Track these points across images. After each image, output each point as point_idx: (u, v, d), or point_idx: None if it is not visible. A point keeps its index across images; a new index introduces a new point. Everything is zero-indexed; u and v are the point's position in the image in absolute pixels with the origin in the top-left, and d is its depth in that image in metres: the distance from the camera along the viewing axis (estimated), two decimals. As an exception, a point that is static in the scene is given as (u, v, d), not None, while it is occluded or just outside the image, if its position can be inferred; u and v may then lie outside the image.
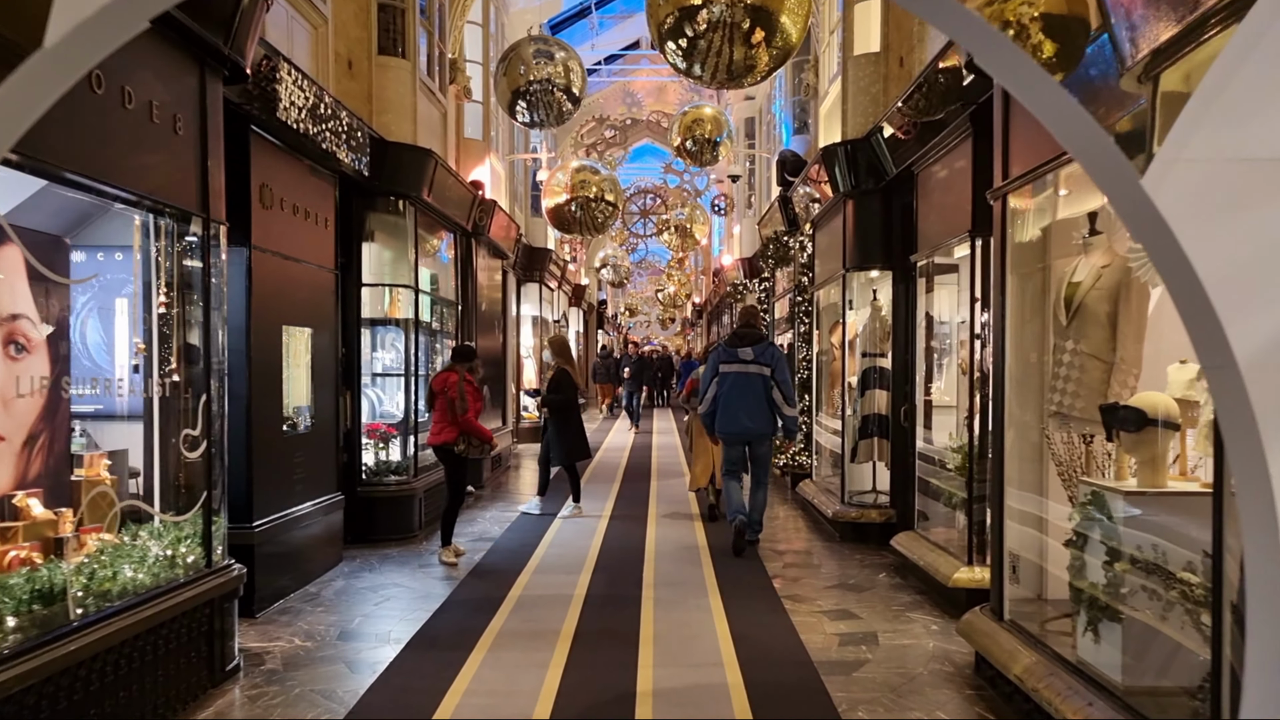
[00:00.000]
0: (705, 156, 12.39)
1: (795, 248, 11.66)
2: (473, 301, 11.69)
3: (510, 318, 16.32)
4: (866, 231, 8.49)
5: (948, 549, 6.50)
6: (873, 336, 8.71)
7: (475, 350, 8.17)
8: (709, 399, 8.08)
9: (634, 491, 11.51)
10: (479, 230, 11.61)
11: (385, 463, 8.66)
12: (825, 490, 9.63)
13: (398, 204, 8.70)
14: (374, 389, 9.20)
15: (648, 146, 28.48)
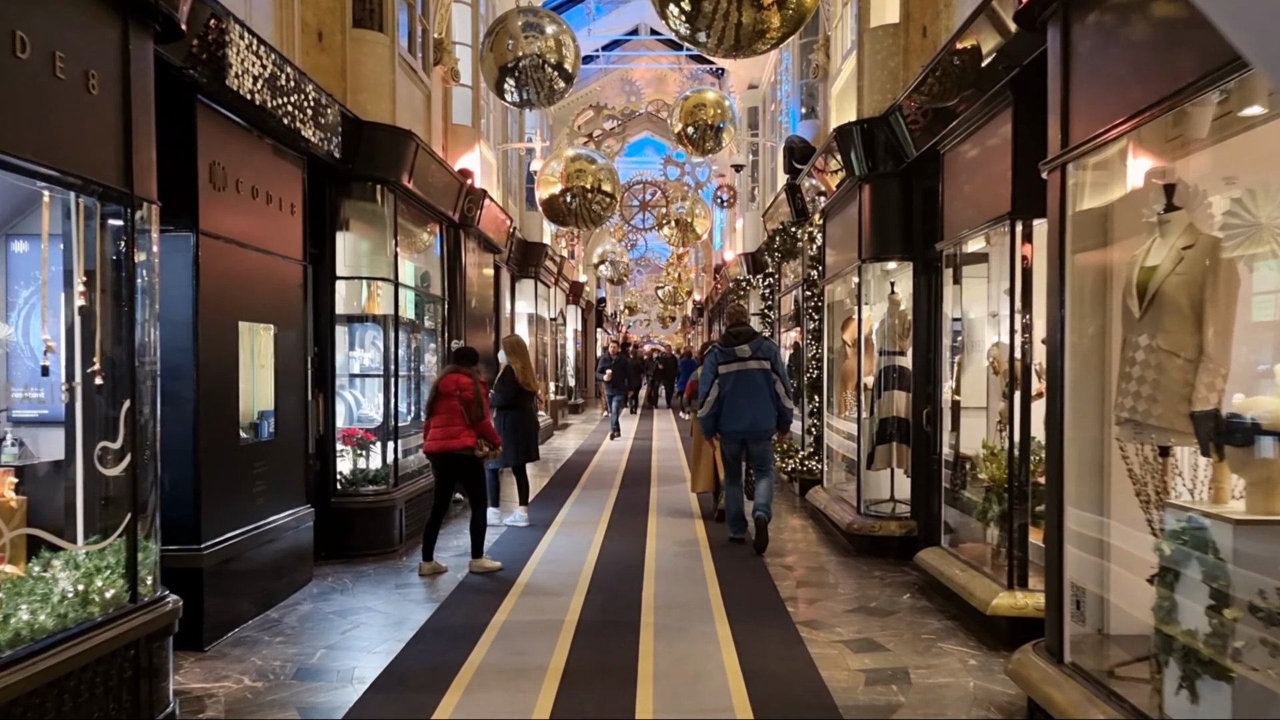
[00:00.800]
0: (708, 143, 11.72)
1: (804, 239, 10.98)
2: (461, 297, 11.02)
3: (504, 315, 15.64)
4: (884, 219, 7.81)
5: (981, 569, 5.82)
6: (891, 333, 8.03)
7: (472, 354, 7.56)
8: (711, 401, 8.02)
9: (632, 499, 10.84)
10: (468, 221, 10.93)
11: (362, 471, 7.98)
12: (838, 499, 8.95)
13: (375, 190, 8.02)
14: (351, 391, 8.52)
15: (647, 140, 27.82)
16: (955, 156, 6.45)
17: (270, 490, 6.24)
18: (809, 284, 10.68)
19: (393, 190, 8.15)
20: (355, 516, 7.78)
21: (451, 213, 10.11)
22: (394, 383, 8.31)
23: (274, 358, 6.42)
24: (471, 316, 11.70)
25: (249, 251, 5.98)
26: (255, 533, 5.97)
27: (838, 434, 9.86)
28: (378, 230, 8.13)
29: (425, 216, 9.64)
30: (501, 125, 15.28)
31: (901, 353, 8.05)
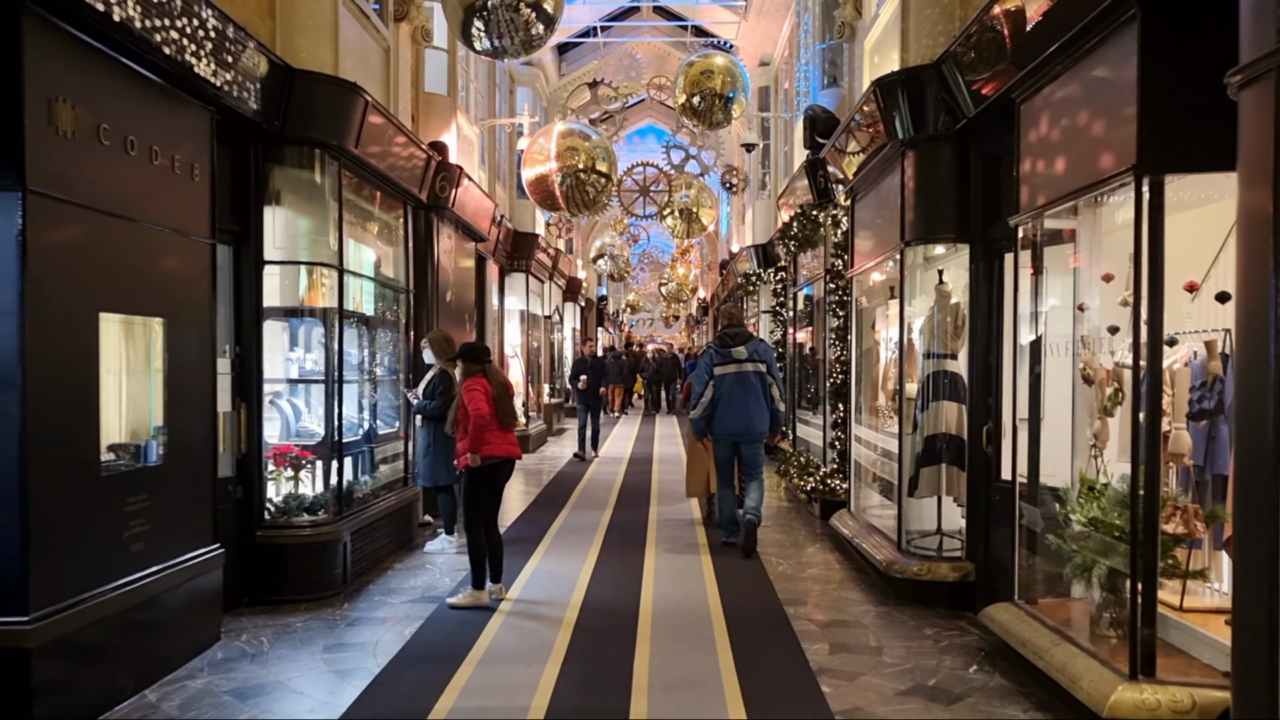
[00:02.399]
0: (716, 115, 10.32)
1: (826, 224, 9.56)
2: (433, 289, 9.60)
3: (490, 311, 14.24)
4: (934, 192, 6.39)
5: (1081, 642, 4.40)
6: (940, 332, 6.60)
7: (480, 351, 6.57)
8: (705, 402, 7.96)
9: (628, 523, 9.41)
10: (439, 203, 9.51)
11: (297, 498, 6.57)
12: (870, 529, 7.53)
13: (314, 157, 6.61)
14: (289, 399, 7.11)
15: (650, 128, 26.41)
16: (1039, 105, 5.02)
17: (155, 531, 4.84)
18: (833, 275, 9.25)
19: (336, 158, 6.73)
20: (288, 553, 6.38)
21: (418, 191, 8.69)
22: (338, 389, 6.90)
23: (165, 360, 5.02)
24: (447, 312, 10.29)
25: (120, 222, 4.57)
26: (128, 589, 4.57)
27: (868, 449, 8.44)
28: (318, 206, 6.72)
29: (385, 194, 8.22)
30: (488, 101, 13.88)
31: (952, 355, 6.63)
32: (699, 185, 16.59)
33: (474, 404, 6.16)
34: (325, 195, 6.72)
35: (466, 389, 6.24)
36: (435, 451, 7.70)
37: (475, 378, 6.29)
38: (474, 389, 6.23)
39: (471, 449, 6.16)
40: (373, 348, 8.11)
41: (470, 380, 6.28)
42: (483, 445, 6.17)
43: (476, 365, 6.36)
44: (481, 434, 6.15)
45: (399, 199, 8.53)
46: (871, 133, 7.04)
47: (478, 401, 6.16)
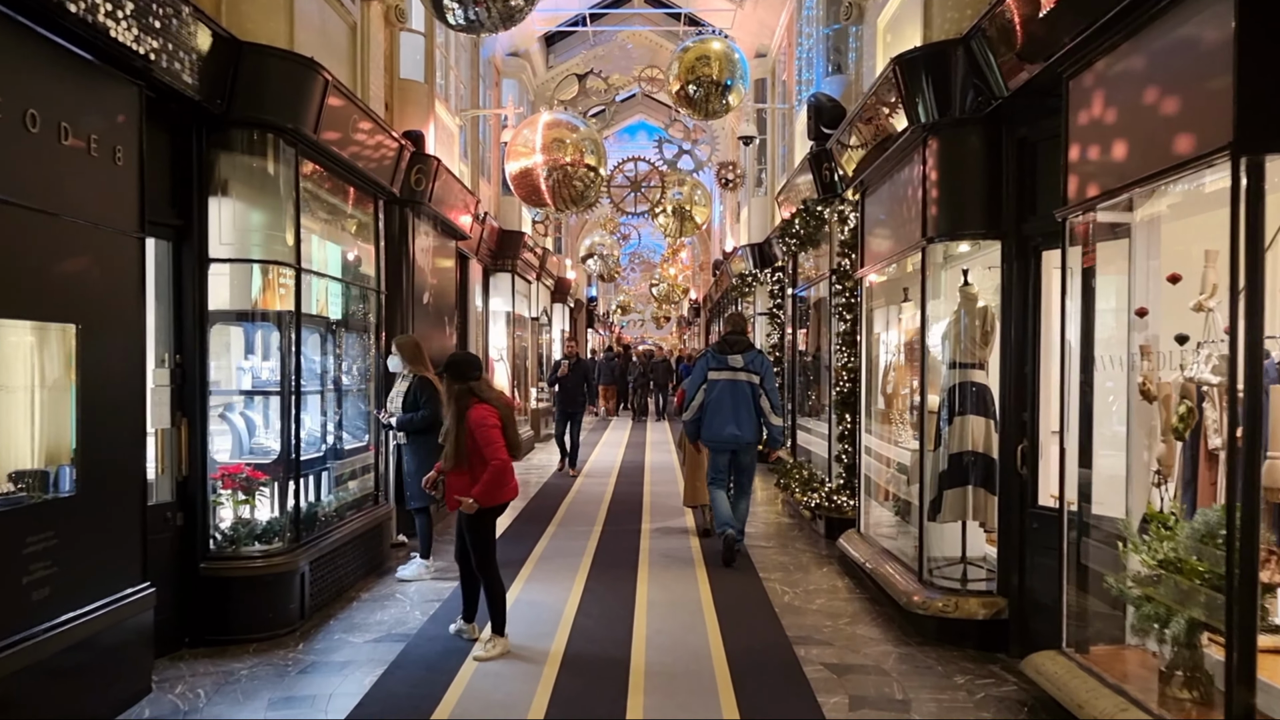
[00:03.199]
0: (713, 104, 9.64)
1: (832, 220, 8.89)
2: (408, 290, 8.90)
3: (473, 312, 13.53)
4: (960, 183, 5.72)
5: (1153, 708, 3.74)
6: (967, 338, 5.94)
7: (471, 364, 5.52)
8: (695, 406, 8.01)
9: (618, 545, 8.72)
10: (415, 197, 8.81)
11: (247, 524, 5.86)
12: (885, 554, 6.86)
13: (267, 143, 5.90)
14: (242, 413, 6.41)
15: (641, 124, 25.71)
16: (1091, 82, 4.35)
17: (65, 573, 4.13)
18: (839, 275, 8.58)
19: (293, 143, 6.03)
20: (236, 587, 5.67)
21: (390, 183, 7.98)
22: (296, 400, 6.19)
23: (78, 373, 4.31)
24: (425, 314, 9.59)
25: (17, 211, 3.87)
26: (29, 644, 3.87)
27: (879, 463, 7.77)
28: (272, 198, 6.01)
29: (352, 186, 7.51)
30: (471, 92, 13.18)
31: (979, 365, 5.97)
32: (692, 182, 15.93)
33: (492, 443, 5.16)
34: (280, 185, 6.01)
35: (478, 422, 5.19)
36: (425, 470, 6.75)
37: (479, 403, 5.26)
38: (487, 422, 5.19)
39: (481, 496, 5.24)
40: (339, 354, 7.40)
41: (477, 408, 5.23)
42: (504, 490, 5.36)
43: (466, 382, 5.32)
44: (504, 478, 5.29)
45: (369, 192, 7.82)
46: (887, 118, 6.37)
47: (495, 440, 5.18)
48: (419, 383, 6.99)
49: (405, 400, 6.97)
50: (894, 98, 5.95)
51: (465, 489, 5.30)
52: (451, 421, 5.30)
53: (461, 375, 5.35)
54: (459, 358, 5.49)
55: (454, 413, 5.30)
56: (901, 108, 5.92)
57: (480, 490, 5.24)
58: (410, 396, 6.94)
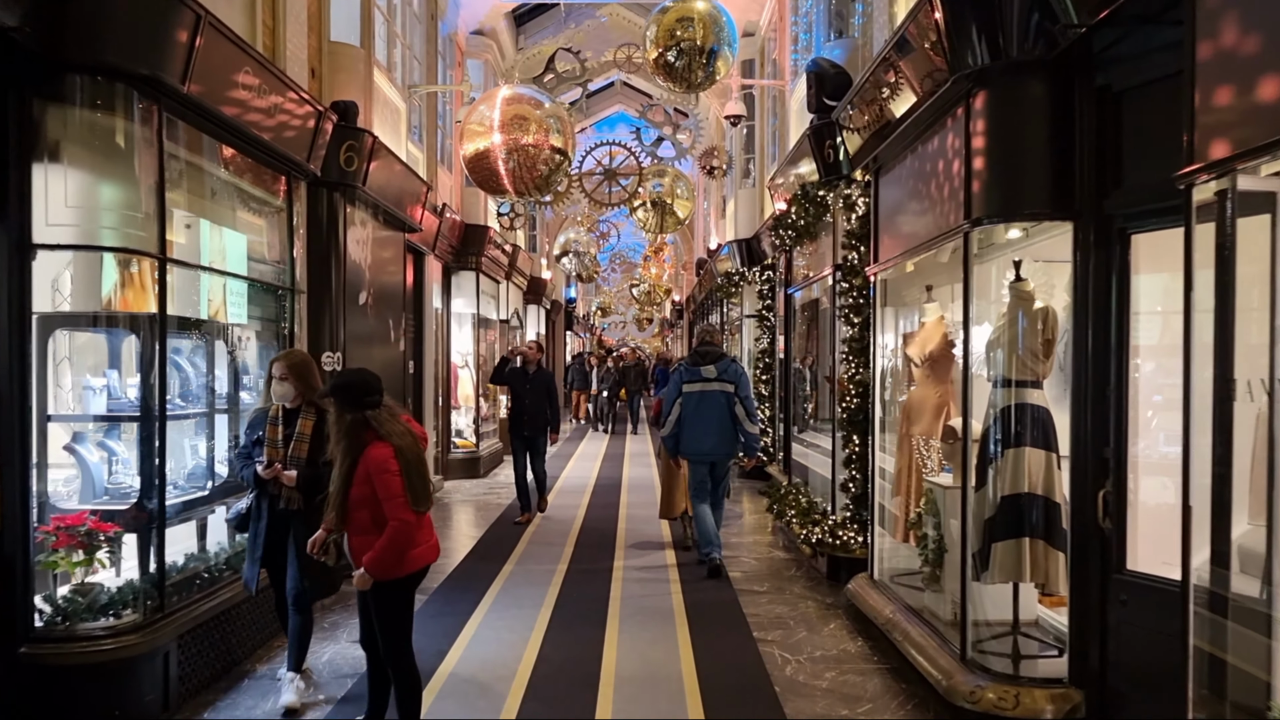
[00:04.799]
0: (696, 74, 8.33)
1: (836, 206, 7.59)
2: (339, 289, 7.54)
3: (431, 314, 12.16)
4: (1017, 148, 4.42)
5: None
6: (1021, 348, 4.64)
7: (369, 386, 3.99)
8: (672, 421, 7.90)
9: (586, 586, 7.37)
10: (347, 180, 7.46)
11: (87, 592, 4.49)
12: (909, 611, 5.56)
13: (113, 94, 4.53)
14: (99, 444, 5.02)
15: (621, 116, 24.39)
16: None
17: None
18: (846, 272, 7.28)
19: (153, 98, 4.66)
20: (71, 678, 4.31)
21: (307, 160, 6.60)
22: (161, 427, 4.81)
23: None
24: (361, 316, 8.23)
25: None
26: None
27: (898, 496, 6.47)
28: (124, 168, 4.64)
29: (255, 160, 6.14)
30: (428, 71, 11.80)
31: (1036, 383, 4.67)
32: (673, 173, 14.59)
33: (392, 496, 3.84)
34: (136, 152, 4.64)
35: (377, 467, 3.85)
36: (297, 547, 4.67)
37: (379, 440, 3.89)
38: (388, 467, 3.85)
39: (375, 566, 3.89)
40: (238, 367, 6.02)
41: (376, 448, 3.88)
42: (410, 557, 3.97)
43: (361, 410, 3.90)
44: (409, 540, 3.93)
45: (278, 169, 6.44)
46: (914, 71, 5.06)
47: (395, 492, 3.85)
48: (317, 420, 4.69)
49: (309, 441, 4.66)
50: (928, 40, 4.64)
51: (365, 551, 3.95)
52: (340, 465, 3.92)
53: (354, 401, 3.91)
54: (352, 377, 4.05)
55: (341, 450, 3.91)
56: (937, 52, 4.62)
57: (375, 559, 3.88)
58: (315, 441, 4.69)
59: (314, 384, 4.71)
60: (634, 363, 22.61)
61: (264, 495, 4.70)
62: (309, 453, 4.63)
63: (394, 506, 3.85)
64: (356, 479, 3.88)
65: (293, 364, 4.74)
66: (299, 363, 4.79)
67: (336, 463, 3.95)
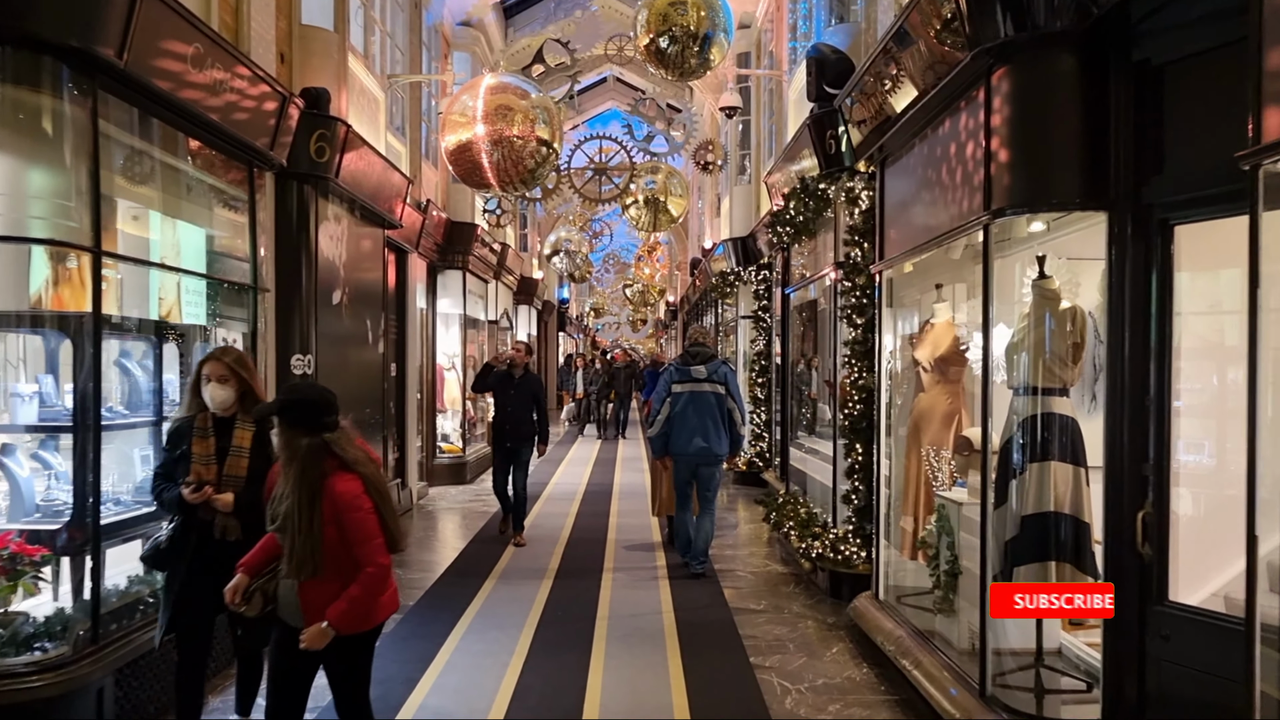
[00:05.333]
0: (689, 60, 7.90)
1: (838, 200, 7.16)
2: (310, 287, 7.11)
3: (414, 315, 11.70)
4: (1044, 129, 3.99)
5: None
6: (1051, 352, 4.21)
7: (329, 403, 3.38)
8: (661, 420, 7.82)
9: (571, 608, 6.93)
10: (318, 171, 7.02)
11: (12, 621, 4.03)
12: (919, 636, 5.12)
13: (38, 69, 4.08)
14: (26, 458, 4.57)
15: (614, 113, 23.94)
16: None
17: None
18: (848, 270, 6.85)
19: (88, 74, 4.20)
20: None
21: (270, 148, 6.15)
22: (96, 438, 4.35)
23: None
24: (336, 317, 7.79)
25: None
26: None
27: (904, 503, 6.04)
28: (53, 150, 4.20)
29: (213, 148, 5.68)
30: (411, 61, 11.35)
31: (1062, 390, 4.24)
32: (667, 169, 14.16)
33: (370, 538, 3.26)
34: (68, 134, 4.19)
35: (347, 502, 3.23)
36: None
37: (342, 470, 3.28)
38: (360, 503, 3.26)
39: (345, 620, 3.25)
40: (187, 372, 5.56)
41: (341, 479, 3.26)
42: (380, 604, 3.40)
43: (318, 433, 3.27)
44: (382, 586, 3.36)
45: (238, 157, 5.99)
46: (927, 49, 4.63)
47: (372, 532, 3.27)
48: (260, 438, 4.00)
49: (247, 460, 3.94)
50: (944, 12, 4.20)
51: (327, 599, 3.27)
52: (296, 497, 3.24)
53: (311, 421, 3.28)
54: (308, 392, 3.50)
55: (300, 483, 3.24)
56: (955, 25, 4.18)
57: (347, 611, 3.24)
58: (256, 455, 3.94)
59: (257, 388, 4.02)
60: (624, 364, 21.86)
61: (190, 524, 3.90)
62: (249, 470, 3.88)
63: (371, 550, 3.27)
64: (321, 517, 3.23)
65: (234, 362, 3.96)
66: (240, 360, 4.01)
67: (289, 493, 3.26)
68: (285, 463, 3.31)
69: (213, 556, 3.81)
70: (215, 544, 3.89)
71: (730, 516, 10.63)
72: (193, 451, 3.86)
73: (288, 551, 3.29)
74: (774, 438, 12.29)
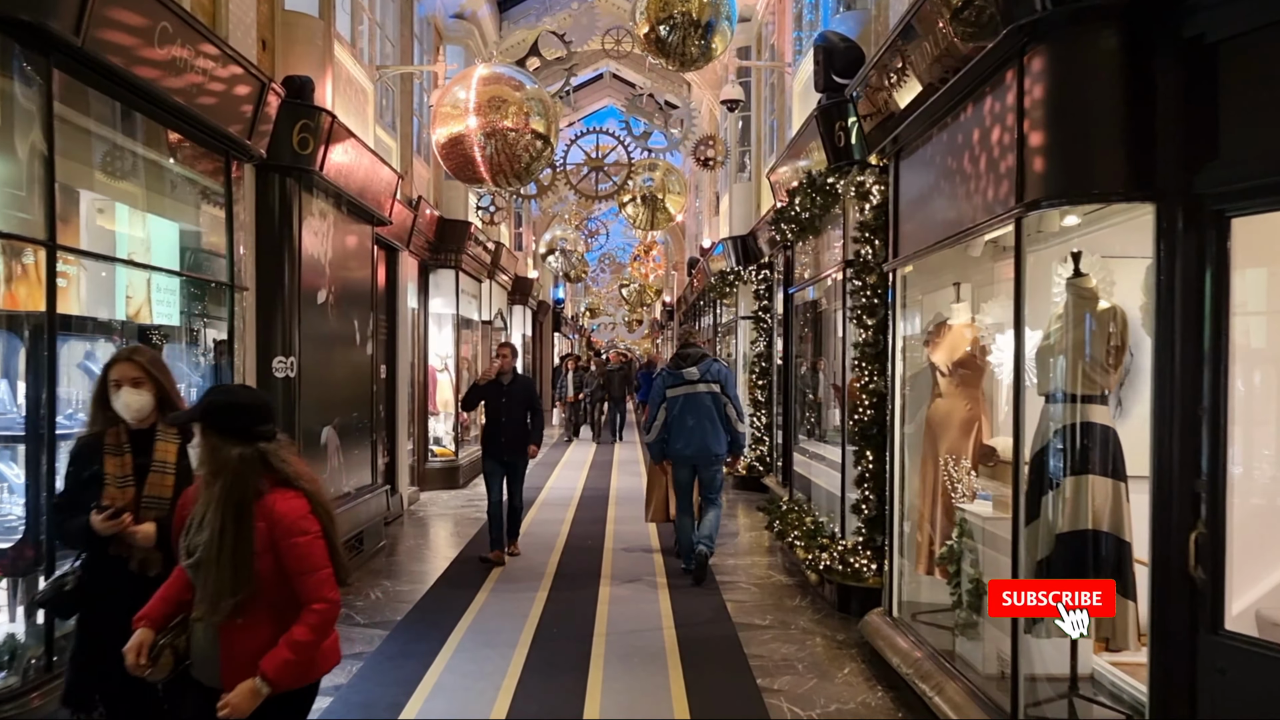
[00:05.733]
0: (690, 49, 7.57)
1: (847, 195, 6.83)
2: (292, 286, 6.76)
3: (405, 314, 11.34)
4: (1084, 114, 3.65)
5: None
6: (1090, 356, 3.89)
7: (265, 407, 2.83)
8: (658, 425, 7.77)
9: (567, 623, 6.59)
10: (302, 164, 6.68)
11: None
12: (937, 658, 4.80)
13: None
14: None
15: (610, 111, 23.63)
16: None
17: None
18: (858, 269, 6.52)
19: (41, 51, 3.86)
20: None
21: (248, 137, 5.81)
22: (50, 448, 4.01)
23: None
24: (320, 318, 7.44)
25: None
26: None
27: (919, 513, 5.71)
28: (2, 135, 3.85)
29: (184, 137, 5.34)
30: (403, 52, 11.01)
31: (1101, 397, 3.92)
32: (665, 167, 13.83)
33: (317, 567, 2.68)
34: (19, 117, 3.85)
35: (289, 525, 2.66)
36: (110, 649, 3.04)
37: (280, 486, 2.71)
38: (305, 527, 2.69)
39: (286, 672, 2.62)
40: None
41: (280, 497, 2.69)
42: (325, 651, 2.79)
43: (252, 443, 2.69)
44: (329, 629, 2.76)
45: (214, 147, 5.64)
46: (948, 31, 4.31)
47: (320, 561, 2.70)
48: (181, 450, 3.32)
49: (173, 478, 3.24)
50: None
51: (258, 648, 2.63)
52: (221, 518, 2.62)
53: (241, 430, 2.69)
54: (239, 395, 3.00)
55: (226, 501, 2.63)
56: (981, 3, 3.85)
57: (289, 662, 2.61)
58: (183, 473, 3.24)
59: (175, 394, 3.30)
60: (619, 366, 21.29)
61: (102, 560, 3.15)
62: (175, 491, 3.16)
63: (317, 583, 2.66)
64: (248, 542, 2.62)
65: (149, 363, 3.24)
66: (154, 360, 3.29)
67: (208, 523, 2.63)
68: (208, 479, 2.69)
69: (131, 599, 2.89)
70: (133, 582, 3.09)
71: (731, 524, 10.30)
72: (105, 472, 3.15)
73: (203, 586, 2.63)
74: (775, 441, 11.97)
